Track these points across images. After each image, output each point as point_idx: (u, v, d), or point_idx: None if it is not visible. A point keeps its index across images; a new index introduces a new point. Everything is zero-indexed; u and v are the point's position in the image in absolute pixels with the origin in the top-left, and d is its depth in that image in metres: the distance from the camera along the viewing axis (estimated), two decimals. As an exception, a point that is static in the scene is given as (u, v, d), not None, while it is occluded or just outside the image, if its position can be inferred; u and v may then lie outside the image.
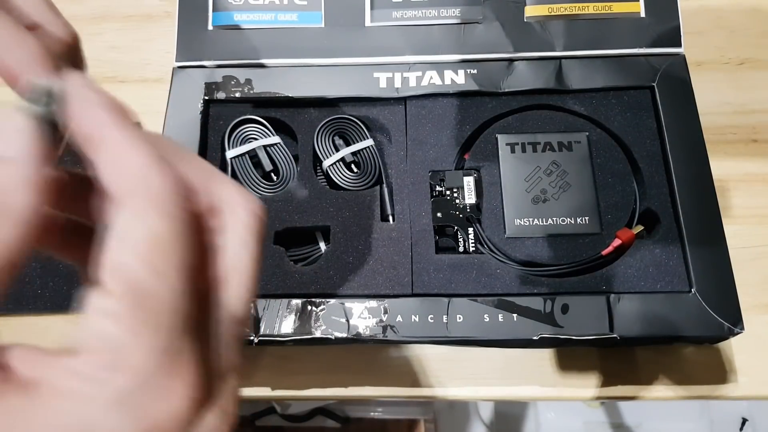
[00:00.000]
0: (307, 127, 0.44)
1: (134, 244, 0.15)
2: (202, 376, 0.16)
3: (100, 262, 0.16)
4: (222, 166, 0.43)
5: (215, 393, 0.17)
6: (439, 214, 0.41)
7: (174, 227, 0.16)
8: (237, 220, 0.18)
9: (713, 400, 0.44)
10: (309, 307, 0.38)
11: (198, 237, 0.17)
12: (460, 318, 0.37)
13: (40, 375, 0.15)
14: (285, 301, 0.38)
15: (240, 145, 0.43)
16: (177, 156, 0.18)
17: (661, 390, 0.40)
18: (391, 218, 0.41)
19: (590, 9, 0.45)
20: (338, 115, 0.44)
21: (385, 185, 0.42)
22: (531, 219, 0.40)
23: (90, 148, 0.17)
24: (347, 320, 0.37)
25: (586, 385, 0.40)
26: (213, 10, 0.45)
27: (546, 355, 0.41)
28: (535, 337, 0.36)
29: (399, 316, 0.37)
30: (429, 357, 0.41)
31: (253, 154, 0.43)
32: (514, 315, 0.37)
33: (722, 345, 0.41)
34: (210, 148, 0.43)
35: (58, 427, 0.14)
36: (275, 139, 0.43)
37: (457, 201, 0.42)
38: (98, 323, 0.15)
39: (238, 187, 0.19)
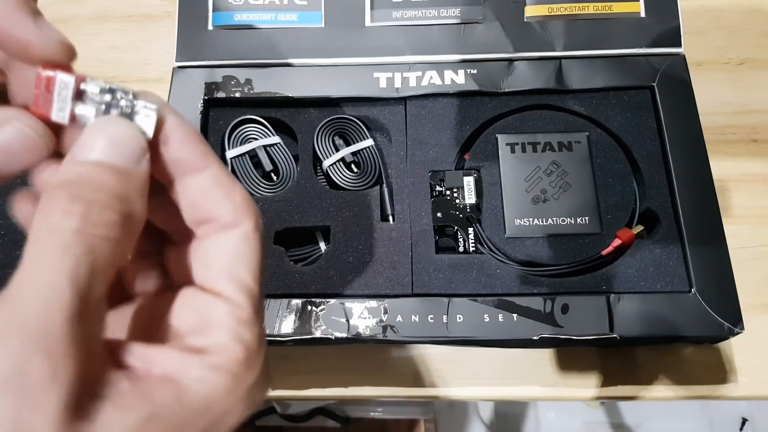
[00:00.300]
0: (307, 127, 0.44)
1: (252, 265, 0.19)
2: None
3: (217, 274, 0.18)
4: (222, 166, 0.43)
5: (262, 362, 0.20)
6: (439, 214, 0.41)
7: (263, 251, 0.19)
8: (247, 236, 0.20)
9: (713, 400, 0.44)
10: (309, 307, 0.38)
11: None
12: (460, 318, 0.37)
13: (175, 370, 0.16)
14: (285, 301, 0.38)
15: (240, 145, 0.43)
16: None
17: (661, 390, 0.40)
18: (391, 218, 0.41)
19: (590, 9, 0.45)
20: (338, 115, 0.44)
21: (385, 185, 0.42)
22: (531, 219, 0.40)
23: (184, 177, 0.19)
24: (347, 320, 0.37)
25: (586, 385, 0.40)
26: (213, 10, 0.45)
27: (546, 355, 0.41)
28: (535, 337, 0.36)
29: (399, 316, 0.37)
30: (429, 357, 0.41)
31: (253, 154, 0.43)
32: (514, 315, 0.37)
33: (722, 345, 0.41)
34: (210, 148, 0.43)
35: (206, 414, 0.16)
36: (275, 139, 0.43)
37: (457, 201, 0.42)
38: (233, 327, 0.18)
39: (247, 198, 0.20)
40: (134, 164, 0.17)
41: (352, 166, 0.44)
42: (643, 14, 0.44)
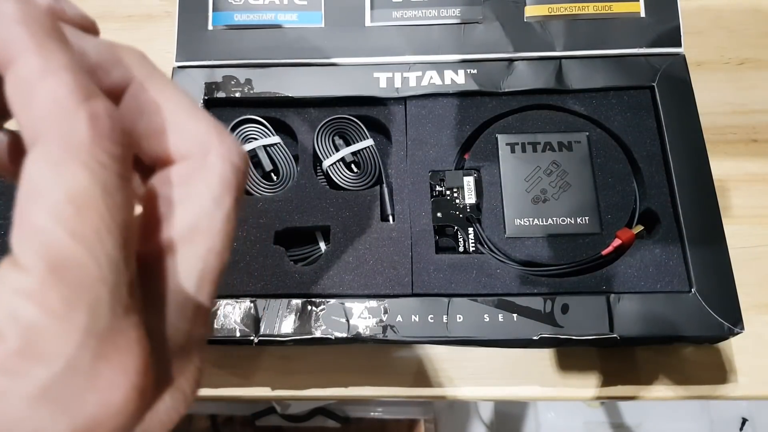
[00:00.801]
0: (307, 127, 0.44)
1: (50, 203, 0.12)
2: (149, 358, 0.14)
3: (12, 228, 0.13)
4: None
5: (173, 372, 0.15)
6: (439, 214, 0.41)
7: (101, 179, 0.13)
8: (208, 169, 0.15)
9: (713, 400, 0.44)
10: (309, 307, 0.38)
11: (130, 189, 0.14)
12: (460, 318, 0.37)
13: None
14: (285, 301, 0.38)
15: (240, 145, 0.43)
16: (143, 73, 0.15)
17: (661, 390, 0.40)
18: (391, 218, 0.41)
19: (590, 9, 0.45)
20: (338, 115, 0.44)
21: (385, 185, 0.42)
22: (531, 219, 0.40)
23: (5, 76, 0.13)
24: (347, 320, 0.37)
25: (586, 385, 0.40)
26: (213, 10, 0.45)
27: (546, 355, 0.41)
28: (535, 337, 0.36)
29: (399, 316, 0.37)
30: (429, 357, 0.41)
31: (253, 154, 0.43)
32: (514, 315, 0.37)
33: (722, 345, 0.41)
34: (210, 148, 0.43)
35: None
36: (275, 139, 0.43)
37: (457, 201, 0.42)
38: (10, 303, 0.12)
39: (215, 127, 0.16)
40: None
41: (352, 166, 0.44)
42: (643, 14, 0.44)
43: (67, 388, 0.12)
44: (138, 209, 0.15)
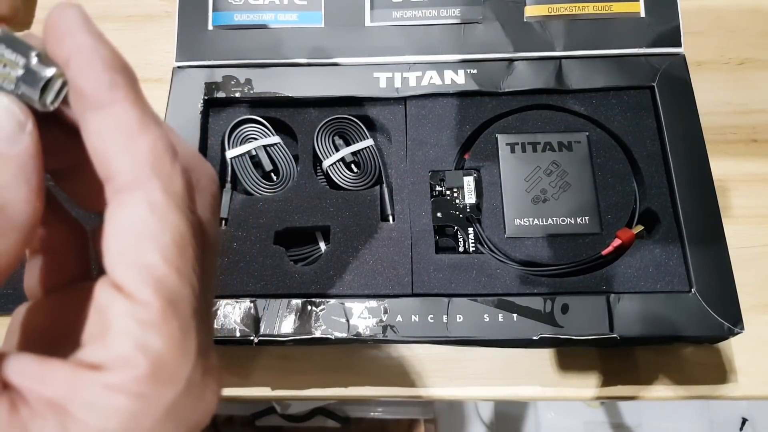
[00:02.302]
0: (307, 127, 0.44)
1: (162, 244, 0.14)
2: (219, 365, 0.16)
3: (114, 260, 0.14)
4: (222, 166, 0.43)
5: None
6: (439, 214, 0.41)
7: (192, 223, 0.15)
8: (207, 192, 0.17)
9: (713, 400, 0.44)
10: (309, 307, 0.38)
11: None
12: (460, 318, 0.37)
13: (62, 395, 0.13)
14: (285, 301, 0.38)
15: (240, 145, 0.43)
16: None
17: (661, 390, 0.40)
18: (391, 218, 0.41)
19: (590, 9, 0.45)
20: (338, 115, 0.44)
21: (385, 185, 0.42)
22: (531, 219, 0.40)
23: (86, 114, 0.14)
24: (347, 320, 0.37)
25: (586, 385, 0.40)
26: (213, 10, 0.45)
27: (546, 355, 0.41)
28: (535, 337, 0.36)
29: (399, 316, 0.37)
30: (429, 357, 0.41)
31: (253, 154, 0.43)
32: (514, 315, 0.37)
33: (722, 345, 0.41)
34: (210, 148, 0.43)
35: None
36: (275, 139, 0.43)
37: (457, 201, 0.42)
38: (134, 332, 0.14)
39: (199, 156, 0.17)
40: (5, 147, 0.14)
41: (352, 166, 0.44)
42: (643, 14, 0.44)
43: (187, 403, 0.14)
44: None
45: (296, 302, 0.38)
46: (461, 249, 0.41)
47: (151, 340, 0.14)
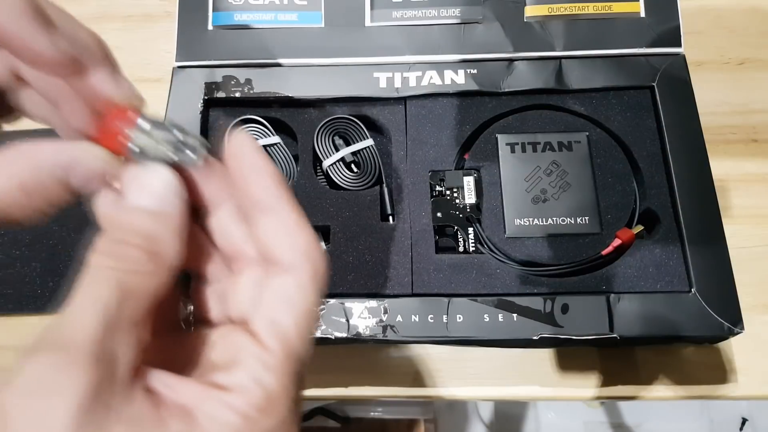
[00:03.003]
0: (307, 127, 0.44)
1: (296, 314, 0.18)
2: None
3: (258, 315, 0.19)
4: (222, 166, 0.43)
5: None
6: (439, 214, 0.41)
7: (318, 302, 0.19)
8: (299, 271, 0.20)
9: (713, 400, 0.44)
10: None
11: None
12: (460, 318, 0.37)
13: (192, 403, 0.17)
14: (285, 301, 0.38)
15: (240, 145, 0.43)
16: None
17: (661, 390, 0.40)
18: (391, 218, 0.41)
19: (590, 9, 0.45)
20: (338, 115, 0.44)
21: (385, 185, 0.42)
22: (531, 219, 0.40)
23: (257, 215, 0.20)
24: (347, 320, 0.37)
25: (586, 385, 0.40)
26: (213, 10, 0.45)
27: (546, 355, 0.41)
28: (535, 337, 0.36)
29: (399, 316, 0.37)
30: (429, 357, 0.41)
31: (253, 154, 0.43)
32: (514, 315, 0.37)
33: (722, 345, 0.41)
34: (210, 148, 0.43)
35: None
36: (275, 139, 0.43)
37: (457, 201, 0.42)
38: (257, 370, 0.18)
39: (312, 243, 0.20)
40: (165, 207, 0.19)
41: (352, 166, 0.44)
42: (643, 14, 0.44)
43: (281, 430, 0.18)
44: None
45: (296, 302, 0.38)
46: (461, 249, 0.41)
47: (267, 380, 0.18)
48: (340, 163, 0.43)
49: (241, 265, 0.21)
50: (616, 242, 0.39)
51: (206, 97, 0.44)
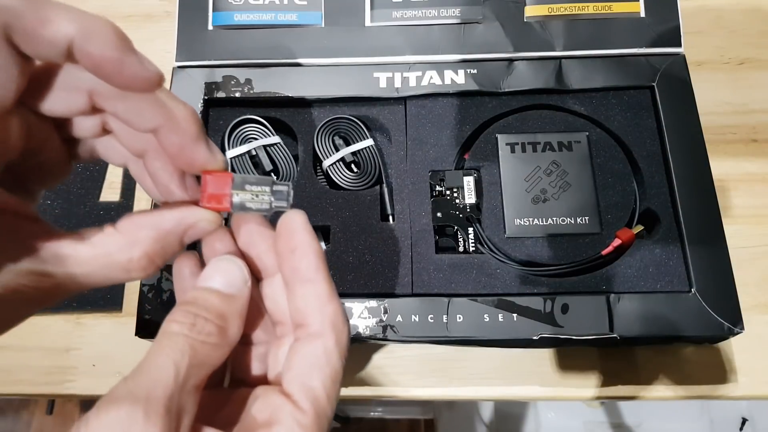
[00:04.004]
0: (307, 127, 0.44)
1: (324, 377, 0.21)
2: None
3: (291, 377, 0.21)
4: (222, 166, 0.43)
5: None
6: (439, 214, 0.41)
7: (342, 366, 0.22)
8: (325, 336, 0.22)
9: (713, 400, 0.44)
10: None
11: None
12: (460, 318, 0.37)
13: None
14: (285, 301, 0.38)
15: (240, 145, 0.43)
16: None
17: (661, 390, 0.40)
18: (391, 218, 0.41)
19: (590, 9, 0.45)
20: (338, 115, 0.44)
21: (385, 185, 0.42)
22: (531, 219, 0.40)
23: (290, 278, 0.23)
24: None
25: (586, 385, 0.40)
26: (213, 10, 0.45)
27: (546, 355, 0.41)
28: (535, 337, 0.36)
29: (399, 315, 0.37)
30: (429, 357, 0.41)
31: (253, 154, 0.43)
32: (514, 315, 0.37)
33: (722, 345, 0.41)
34: (210, 148, 0.43)
35: None
36: (275, 139, 0.43)
37: (457, 201, 0.42)
38: (294, 429, 0.20)
39: (340, 309, 0.23)
40: (235, 291, 0.22)
41: (352, 166, 0.44)
42: (643, 14, 0.44)
43: None
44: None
45: (296, 302, 0.38)
46: (461, 249, 0.41)
47: None
48: (340, 163, 0.43)
49: (285, 330, 0.24)
50: (616, 242, 0.39)
51: (206, 97, 0.44)
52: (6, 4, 0.19)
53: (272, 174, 0.43)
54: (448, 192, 0.42)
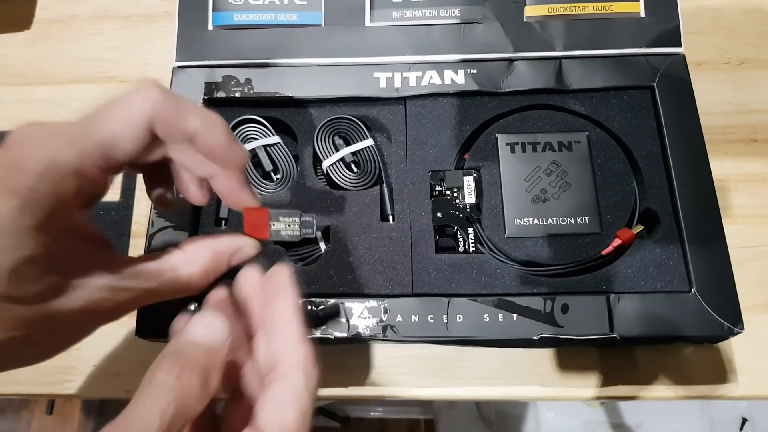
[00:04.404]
0: (307, 127, 0.44)
1: (294, 412, 0.23)
2: None
3: (262, 409, 0.23)
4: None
5: None
6: (439, 214, 0.41)
7: (310, 399, 0.24)
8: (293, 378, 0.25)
9: (713, 400, 0.44)
10: (309, 307, 0.38)
11: None
12: (460, 318, 0.37)
13: None
14: (285, 301, 0.38)
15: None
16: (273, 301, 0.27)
17: (661, 390, 0.40)
18: (391, 218, 0.41)
19: (590, 9, 0.45)
20: (338, 115, 0.44)
21: (385, 185, 0.42)
22: (531, 219, 0.40)
23: (268, 324, 0.26)
24: (347, 320, 0.37)
25: (586, 385, 0.40)
26: (213, 10, 0.45)
27: (546, 355, 0.41)
28: (535, 337, 0.36)
29: (399, 315, 0.37)
30: (429, 357, 0.41)
31: (253, 154, 0.43)
32: (514, 315, 0.37)
33: (722, 345, 0.41)
34: (210, 148, 0.43)
35: None
36: (275, 139, 0.43)
37: (457, 201, 0.42)
38: None
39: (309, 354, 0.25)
40: (218, 345, 0.24)
41: (352, 166, 0.44)
42: (643, 14, 0.44)
43: None
44: None
45: (296, 302, 0.38)
46: (461, 249, 0.41)
47: None
48: (340, 163, 0.43)
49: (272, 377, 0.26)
50: (616, 242, 0.39)
51: (206, 97, 0.44)
52: (155, 97, 0.25)
53: (272, 174, 0.44)
54: (448, 192, 0.42)
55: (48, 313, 0.23)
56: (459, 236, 0.41)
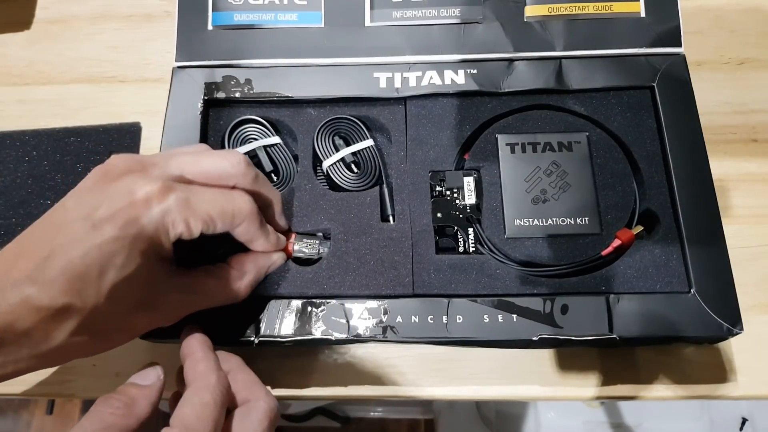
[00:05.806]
0: (307, 127, 0.44)
1: (192, 404, 0.28)
2: None
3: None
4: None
5: None
6: (439, 215, 0.41)
7: (212, 399, 0.29)
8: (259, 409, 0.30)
9: (713, 400, 0.44)
10: (309, 308, 0.38)
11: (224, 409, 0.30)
12: (460, 318, 0.37)
13: None
14: (285, 301, 0.38)
15: (240, 145, 0.43)
16: (233, 369, 0.33)
17: (661, 390, 0.40)
18: (391, 218, 0.41)
19: (590, 9, 0.45)
20: (338, 115, 0.44)
21: (385, 185, 0.42)
22: (531, 219, 0.40)
23: (184, 360, 0.32)
24: (347, 321, 0.37)
25: (586, 385, 0.40)
26: (213, 10, 0.45)
27: (546, 355, 0.41)
28: (534, 338, 0.36)
29: (399, 316, 0.37)
30: (429, 357, 0.41)
31: (253, 155, 0.43)
32: (514, 315, 0.37)
33: (722, 345, 0.41)
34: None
35: None
36: (275, 139, 0.43)
37: (457, 201, 0.42)
38: None
39: (266, 393, 0.32)
40: (148, 383, 0.31)
41: (352, 166, 0.44)
42: (643, 14, 0.44)
43: None
44: None
45: (296, 303, 0.38)
46: (461, 249, 0.41)
47: None
48: (340, 163, 0.43)
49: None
50: (616, 242, 0.39)
51: (206, 98, 0.44)
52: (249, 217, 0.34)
53: (272, 174, 0.44)
54: (448, 192, 0.42)
55: (131, 321, 0.31)
56: (459, 236, 0.41)
